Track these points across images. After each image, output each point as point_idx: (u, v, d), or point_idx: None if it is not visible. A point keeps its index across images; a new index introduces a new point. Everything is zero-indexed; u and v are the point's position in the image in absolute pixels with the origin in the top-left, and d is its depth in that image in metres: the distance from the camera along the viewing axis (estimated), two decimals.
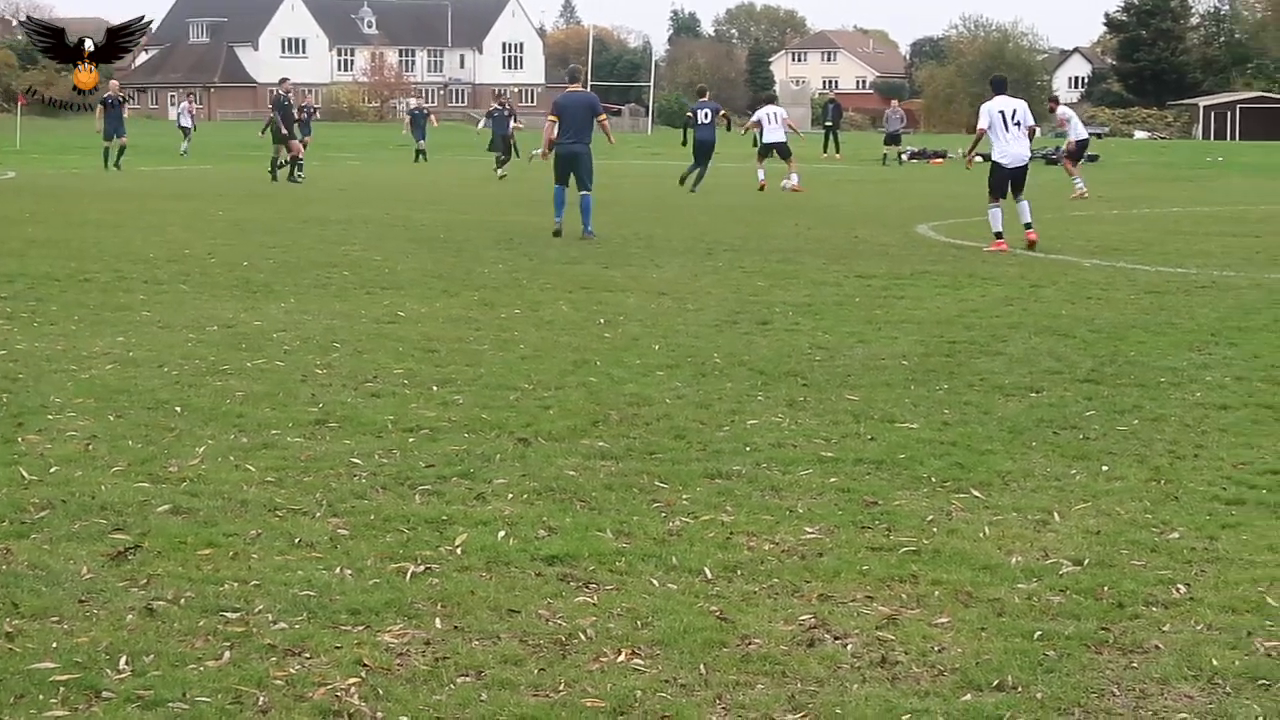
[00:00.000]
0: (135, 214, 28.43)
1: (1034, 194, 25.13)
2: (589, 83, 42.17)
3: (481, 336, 13.93)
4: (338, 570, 7.03)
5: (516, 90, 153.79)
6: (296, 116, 44.01)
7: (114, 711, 5.42)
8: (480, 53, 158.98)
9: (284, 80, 44.26)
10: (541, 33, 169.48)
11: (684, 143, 39.85)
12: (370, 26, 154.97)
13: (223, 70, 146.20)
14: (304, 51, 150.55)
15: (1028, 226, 23.48)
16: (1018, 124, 23.43)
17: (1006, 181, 23.58)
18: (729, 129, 45.42)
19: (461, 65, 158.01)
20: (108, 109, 45.39)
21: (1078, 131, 40.07)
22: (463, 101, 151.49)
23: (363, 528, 7.74)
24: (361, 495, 8.38)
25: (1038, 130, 29.82)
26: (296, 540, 7.51)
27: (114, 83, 48.51)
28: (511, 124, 47.54)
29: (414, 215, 29.25)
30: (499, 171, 45.62)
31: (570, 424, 10.22)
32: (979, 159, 28.27)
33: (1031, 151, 24.97)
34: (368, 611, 6.47)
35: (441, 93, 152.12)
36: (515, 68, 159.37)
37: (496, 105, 49.50)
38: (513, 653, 6.03)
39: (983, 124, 23.62)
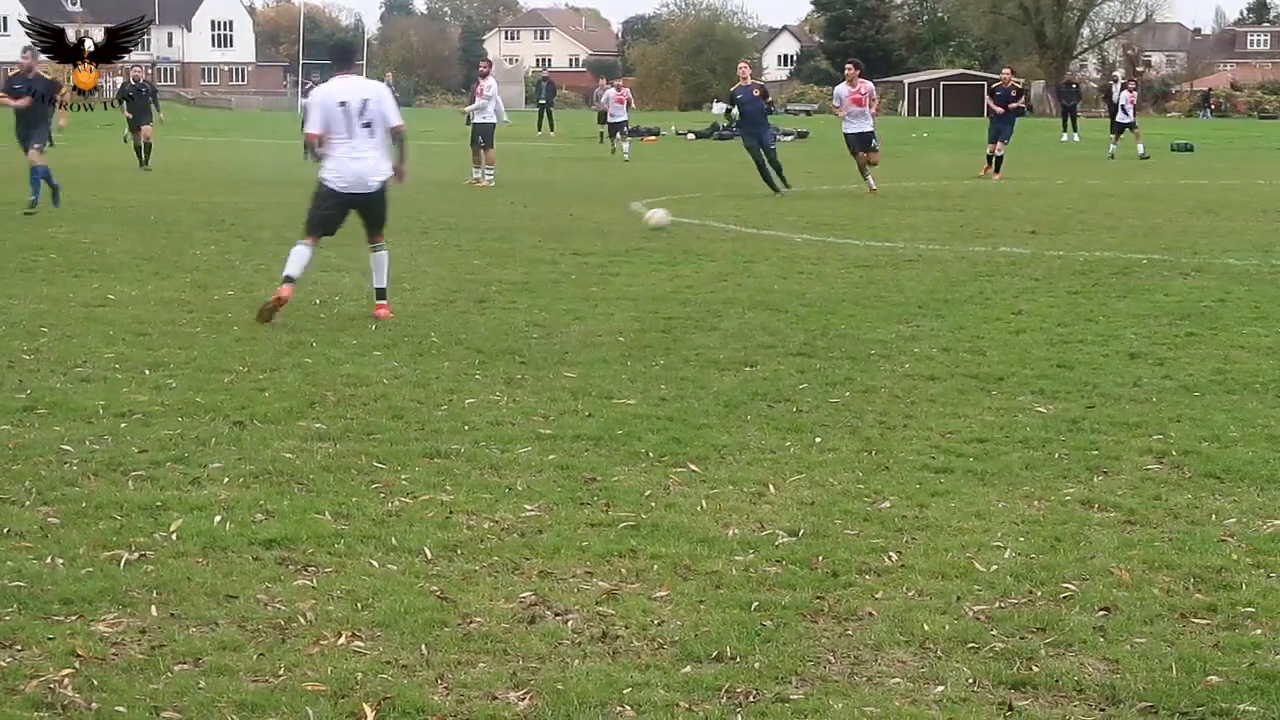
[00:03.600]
0: None
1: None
2: (300, 61, 41.49)
3: (194, 319, 13.72)
4: (49, 560, 6.88)
5: (227, 69, 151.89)
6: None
7: None
8: (189, 30, 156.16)
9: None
10: (251, 10, 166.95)
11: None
12: (74, 4, 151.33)
13: None
14: (5, 30, 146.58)
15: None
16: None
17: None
18: None
19: (169, 43, 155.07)
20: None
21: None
22: (172, 80, 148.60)
23: (74, 515, 7.58)
24: (72, 483, 8.20)
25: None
26: (5, 530, 7.33)
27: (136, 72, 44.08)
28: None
29: (121, 197, 28.66)
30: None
31: (286, 406, 10.12)
32: None
33: None
34: (81, 601, 6.35)
35: (150, 71, 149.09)
36: (225, 46, 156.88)
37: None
38: (231, 638, 5.97)
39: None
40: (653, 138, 63.48)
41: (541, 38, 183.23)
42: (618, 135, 47.15)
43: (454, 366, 11.57)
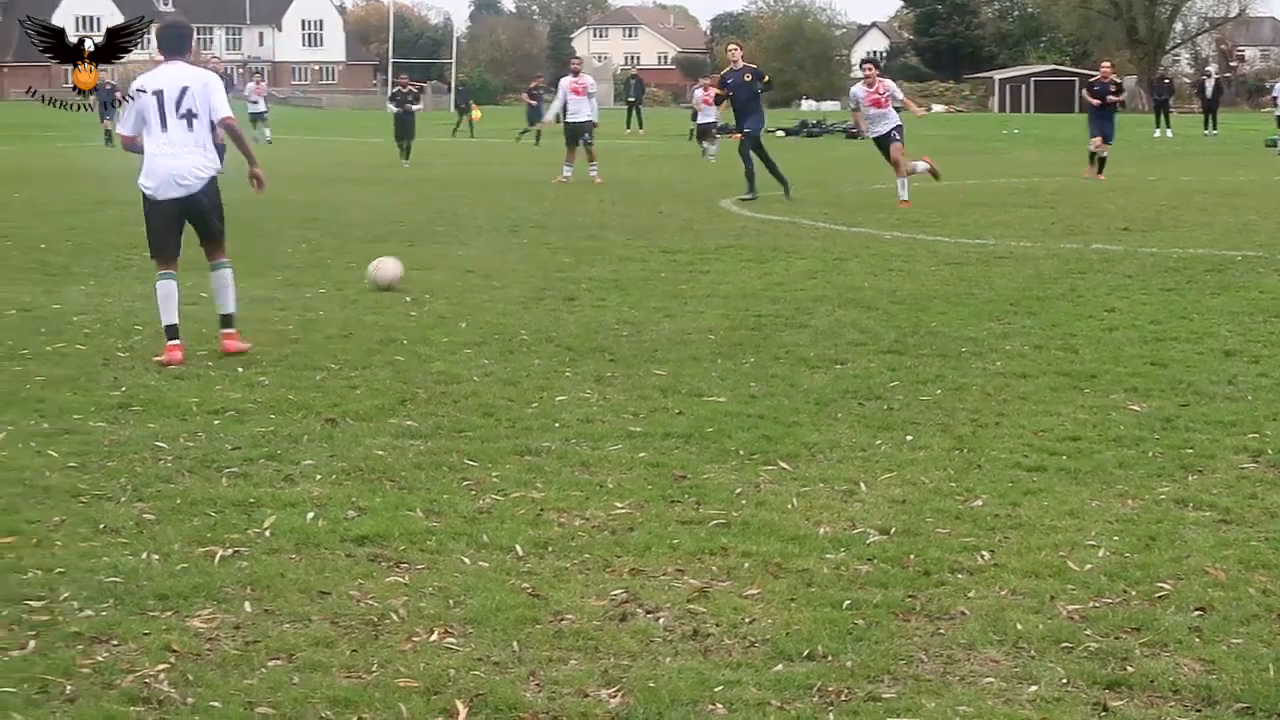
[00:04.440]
0: None
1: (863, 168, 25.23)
2: (389, 60, 41.11)
3: (286, 317, 13.81)
4: (144, 555, 6.94)
5: (317, 68, 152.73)
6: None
7: None
8: (279, 30, 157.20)
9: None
10: (341, 9, 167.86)
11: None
12: (166, 4, 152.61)
13: (15, 48, 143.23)
14: (98, 29, 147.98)
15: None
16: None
17: None
18: None
19: (260, 43, 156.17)
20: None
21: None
22: (263, 80, 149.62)
23: (169, 512, 7.64)
24: (167, 479, 8.27)
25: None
26: (101, 526, 7.40)
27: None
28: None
29: None
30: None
31: (378, 403, 10.17)
32: None
33: None
34: (176, 596, 6.39)
35: (241, 71, 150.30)
36: (315, 45, 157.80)
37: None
38: (324, 634, 5.99)
39: None
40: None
41: (630, 35, 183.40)
42: (706, 138, 45.86)
43: (544, 364, 11.59)
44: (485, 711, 5.31)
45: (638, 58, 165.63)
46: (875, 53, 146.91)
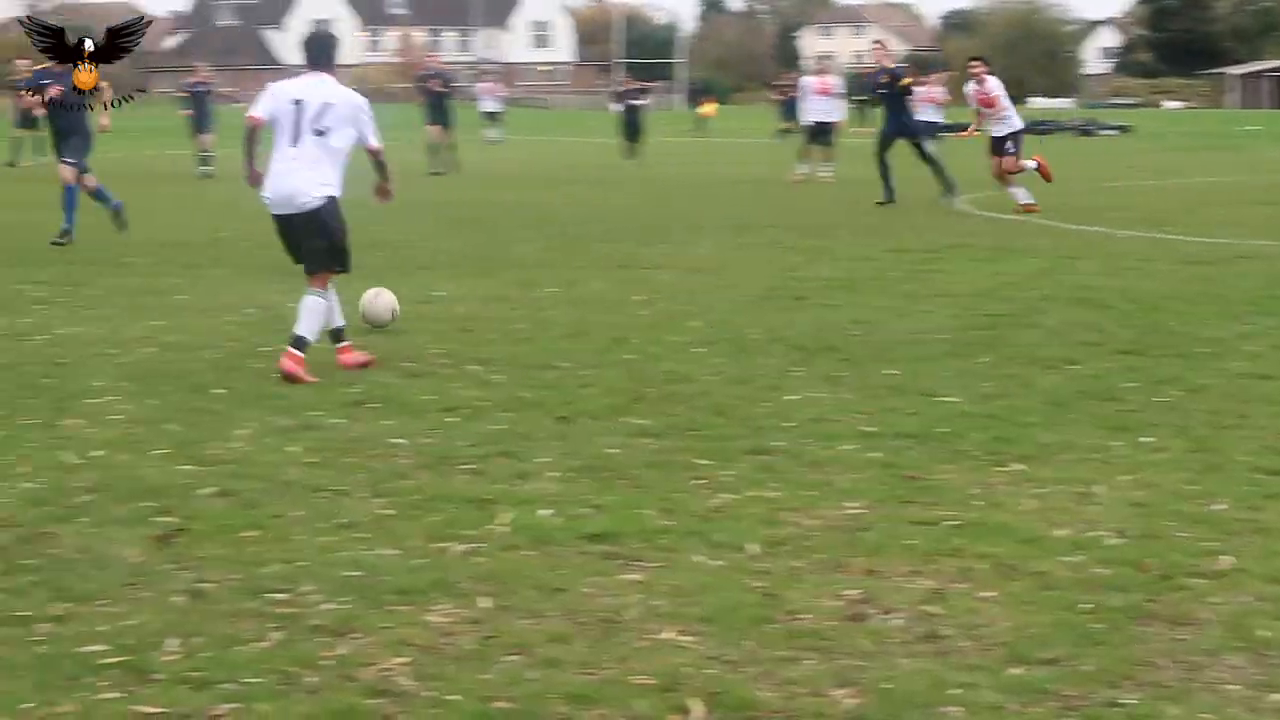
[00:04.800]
0: (173, 198, 28.52)
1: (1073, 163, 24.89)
2: (615, 61, 41.04)
3: (518, 316, 13.93)
4: (383, 550, 7.04)
5: (549, 69, 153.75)
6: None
7: (165, 693, 5.43)
8: (508, 31, 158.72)
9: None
10: (570, 10, 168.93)
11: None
12: (398, 7, 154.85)
13: (250, 53, 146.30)
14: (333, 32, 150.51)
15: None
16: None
17: None
18: None
19: (490, 45, 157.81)
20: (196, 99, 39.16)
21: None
22: (496, 81, 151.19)
23: (406, 508, 7.75)
24: (404, 476, 8.38)
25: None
26: (341, 521, 7.52)
27: (200, 65, 42.27)
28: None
29: (444, 197, 29.23)
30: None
31: (610, 402, 10.22)
32: None
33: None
34: (414, 591, 6.47)
35: (471, 73, 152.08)
36: (544, 46, 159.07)
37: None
38: (560, 631, 6.03)
39: None
40: (965, 133, 62.62)
41: (857, 33, 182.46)
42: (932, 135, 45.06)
43: (775, 363, 11.58)
44: (720, 710, 5.31)
45: (865, 56, 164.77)
46: (1109, 49, 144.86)
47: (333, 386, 10.73)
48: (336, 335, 11.62)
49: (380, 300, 13.37)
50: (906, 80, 28.14)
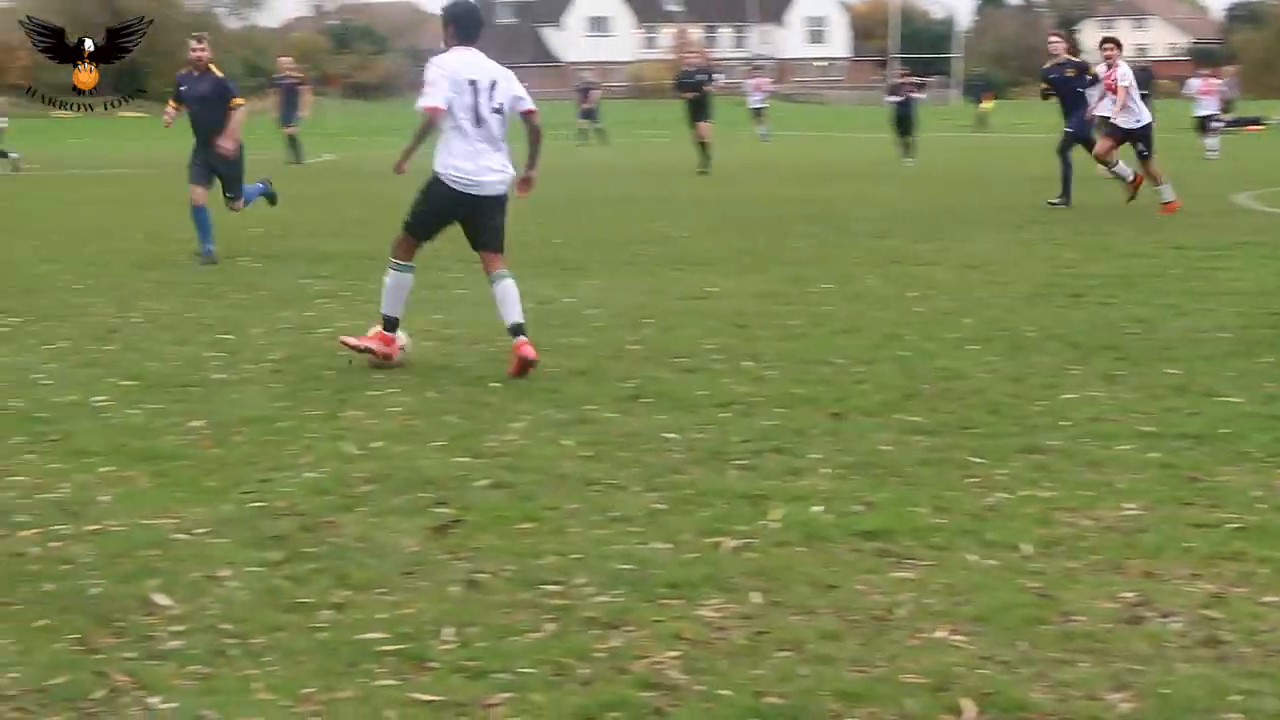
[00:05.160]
0: None
1: None
2: (891, 54, 40.62)
3: (792, 312, 13.92)
4: (656, 544, 7.09)
5: (824, 64, 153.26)
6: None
7: (440, 681, 5.52)
8: (783, 27, 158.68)
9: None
10: (846, 6, 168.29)
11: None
12: (674, 3, 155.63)
13: (527, 51, 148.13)
14: (609, 30, 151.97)
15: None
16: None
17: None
18: None
19: (765, 41, 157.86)
20: (284, 92, 40.45)
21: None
22: (765, 76, 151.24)
23: (679, 502, 7.78)
24: (677, 470, 8.42)
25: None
26: (614, 514, 7.58)
27: (284, 60, 43.10)
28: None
29: (717, 191, 29.33)
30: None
31: (883, 398, 10.17)
32: None
33: None
34: (685, 585, 6.49)
35: (746, 69, 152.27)
36: (819, 41, 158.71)
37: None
38: (831, 628, 6.01)
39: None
40: (1256, 126, 61.29)
41: (1139, 26, 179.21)
42: (1207, 129, 44.11)
43: (1050, 361, 11.42)
44: (993, 710, 5.25)
45: (1147, 49, 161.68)
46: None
47: (607, 381, 10.82)
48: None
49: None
50: (1092, 73, 26.28)
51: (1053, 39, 27.26)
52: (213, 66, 18.51)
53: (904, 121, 41.32)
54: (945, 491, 7.92)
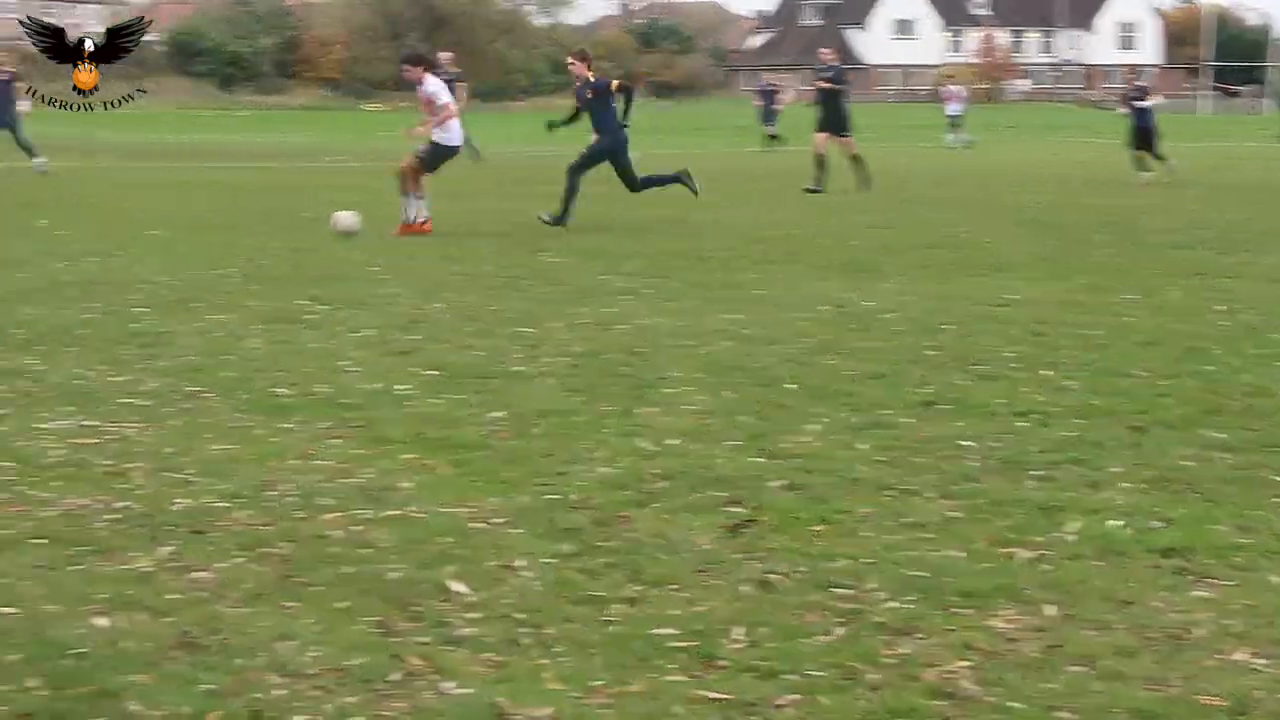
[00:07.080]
0: (746, 195, 29.11)
1: None
2: (1204, 61, 38.58)
3: (1093, 321, 13.69)
4: (949, 552, 7.03)
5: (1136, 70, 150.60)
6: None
7: (729, 679, 5.54)
8: (1092, 32, 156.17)
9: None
10: (1159, 12, 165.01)
11: None
12: (980, 7, 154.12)
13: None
14: (914, 33, 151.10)
15: None
16: None
17: None
18: None
19: (1074, 46, 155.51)
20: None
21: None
22: (1078, 83, 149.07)
23: (973, 510, 7.71)
24: (972, 478, 8.34)
25: None
26: (907, 520, 7.54)
27: (445, 55, 40.45)
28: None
29: (1014, 197, 28.99)
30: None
31: (1185, 412, 9.95)
32: None
33: None
34: (978, 595, 6.43)
35: (1054, 74, 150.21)
36: (1129, 48, 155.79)
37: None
38: (1126, 644, 5.91)
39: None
40: None
41: None
42: None
43: None
44: None
45: None
46: None
47: (903, 386, 10.76)
48: None
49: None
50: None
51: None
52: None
53: (1141, 133, 36.49)
54: (1249, 510, 7.73)
